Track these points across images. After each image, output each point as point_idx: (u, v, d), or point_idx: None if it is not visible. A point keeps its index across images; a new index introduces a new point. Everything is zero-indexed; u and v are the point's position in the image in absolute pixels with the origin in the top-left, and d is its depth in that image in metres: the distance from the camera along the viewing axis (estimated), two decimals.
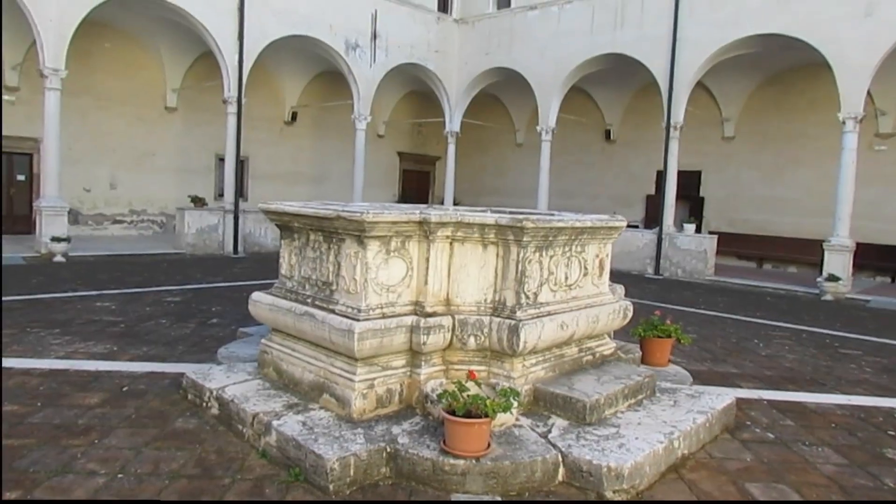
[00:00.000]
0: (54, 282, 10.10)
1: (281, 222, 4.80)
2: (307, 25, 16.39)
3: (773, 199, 17.60)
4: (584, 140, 21.40)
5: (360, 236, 4.08)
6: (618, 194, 20.75)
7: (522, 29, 18.48)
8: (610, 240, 5.14)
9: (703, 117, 17.94)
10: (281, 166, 20.49)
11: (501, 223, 4.23)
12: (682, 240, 15.49)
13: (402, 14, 18.56)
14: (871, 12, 12.60)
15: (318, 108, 20.87)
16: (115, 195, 17.45)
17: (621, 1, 16.40)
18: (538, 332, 4.24)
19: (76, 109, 15.51)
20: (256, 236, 16.17)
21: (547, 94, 17.84)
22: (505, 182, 23.49)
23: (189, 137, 18.39)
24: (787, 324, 9.69)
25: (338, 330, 4.05)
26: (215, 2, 14.71)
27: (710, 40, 14.84)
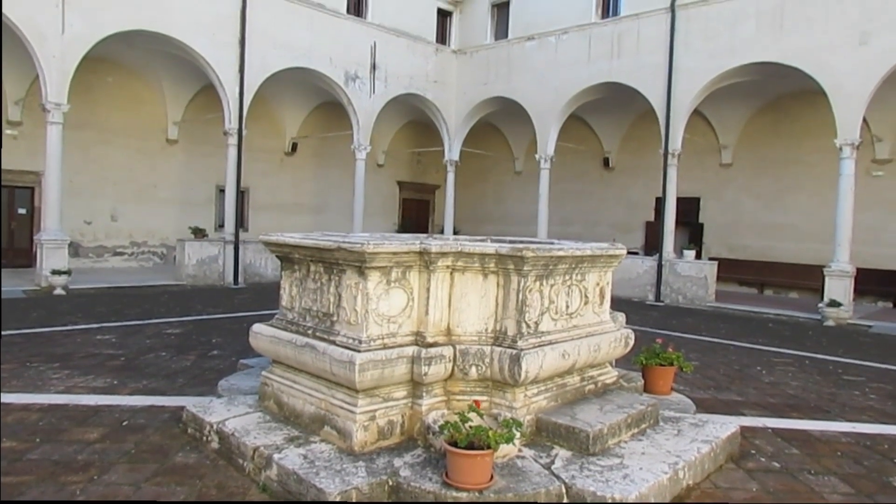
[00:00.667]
0: (54, 315, 10.08)
1: (281, 254, 4.81)
2: (307, 58, 16.63)
3: (772, 225, 17.65)
4: (583, 168, 21.54)
5: (361, 267, 4.09)
6: (617, 221, 20.82)
7: (520, 59, 18.75)
8: (610, 268, 5.15)
9: (701, 144, 18.09)
10: (281, 197, 20.60)
11: (502, 252, 4.24)
12: (683, 266, 15.49)
13: (401, 46, 18.85)
14: (865, 41, 12.78)
15: (319, 139, 21.06)
16: (116, 227, 17.50)
17: (617, 31, 16.67)
18: (539, 361, 4.23)
19: (78, 143, 15.64)
20: (257, 266, 16.19)
21: (545, 123, 18.02)
22: (504, 210, 23.59)
23: (190, 169, 18.52)
24: (789, 350, 9.64)
25: (338, 361, 4.03)
26: (216, 36, 14.94)
27: (705, 69, 15.05)
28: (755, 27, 14.23)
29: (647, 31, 16.03)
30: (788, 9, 13.78)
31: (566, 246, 4.67)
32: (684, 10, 15.40)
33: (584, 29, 17.31)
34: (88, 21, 13.05)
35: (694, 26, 15.26)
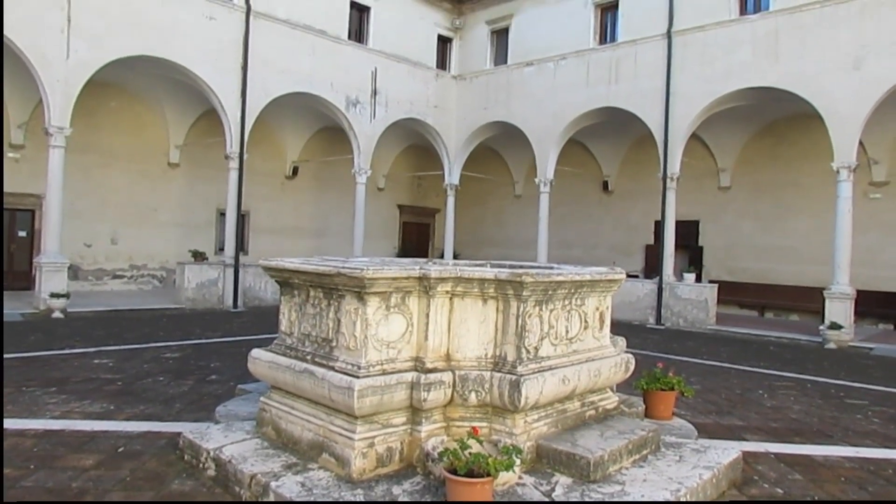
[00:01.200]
0: (52, 338, 10.04)
1: (281, 279, 4.81)
2: (309, 83, 16.80)
3: (771, 248, 17.68)
4: (582, 191, 21.63)
5: (360, 292, 4.08)
6: (617, 244, 20.85)
7: (519, 84, 18.93)
8: (609, 292, 5.15)
9: (700, 168, 18.19)
10: (282, 220, 20.65)
11: (501, 278, 4.24)
12: (683, 289, 15.48)
13: (402, 71, 19.05)
14: (858, 66, 12.94)
15: (319, 163, 21.18)
16: (116, 250, 17.52)
17: (615, 56, 16.86)
18: (539, 386, 4.20)
19: (80, 166, 15.71)
20: (256, 290, 16.17)
21: (544, 147, 18.14)
22: (504, 233, 23.63)
23: (191, 193, 18.59)
24: (791, 373, 9.59)
25: (337, 387, 4.01)
26: (219, 61, 15.11)
27: (702, 94, 15.20)
28: (751, 52, 14.40)
29: (645, 57, 16.21)
30: (783, 35, 13.96)
31: (565, 271, 4.67)
32: (681, 36, 15.59)
33: (583, 54, 17.51)
34: (93, 47, 13.20)
35: (690, 52, 15.44)
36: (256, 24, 15.67)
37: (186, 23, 14.53)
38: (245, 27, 15.46)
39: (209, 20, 14.91)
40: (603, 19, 17.71)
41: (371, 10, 18.42)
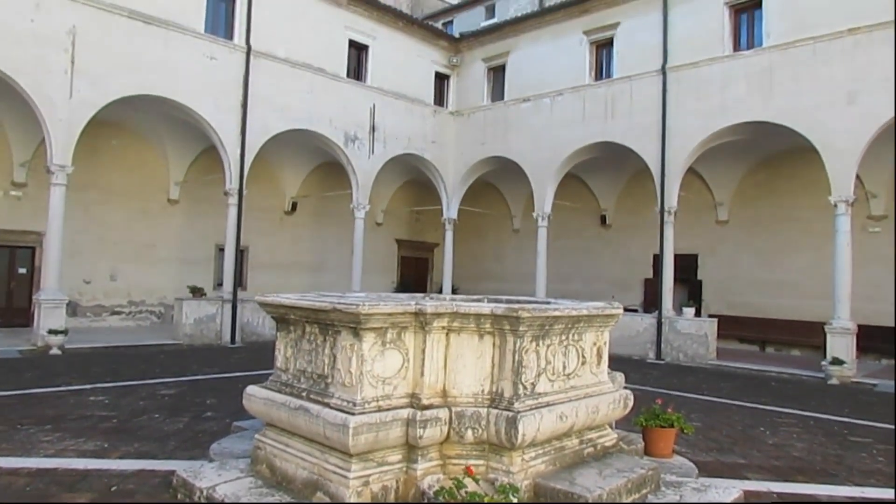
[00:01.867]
0: (49, 375, 9.96)
1: (277, 315, 4.80)
2: (308, 120, 17.01)
3: (771, 282, 17.64)
4: (580, 225, 21.71)
5: (356, 328, 4.08)
6: (615, 278, 20.83)
7: (516, 119, 19.17)
8: (607, 327, 5.13)
9: (697, 202, 18.29)
10: (280, 255, 20.66)
11: (497, 313, 4.23)
12: (683, 323, 15.41)
13: (400, 107, 19.31)
14: (853, 100, 13.09)
15: (318, 198, 21.30)
16: (115, 286, 17.50)
17: (611, 92, 17.11)
18: (537, 423, 4.16)
19: (80, 203, 15.78)
20: (254, 325, 16.11)
21: (542, 182, 18.28)
22: (503, 267, 23.63)
23: (190, 228, 18.65)
24: (793, 410, 9.49)
25: (332, 424, 3.97)
26: (220, 100, 15.33)
27: (698, 128, 15.37)
28: (745, 88, 14.61)
29: (640, 92, 16.45)
30: (777, 70, 14.17)
31: (562, 306, 4.67)
32: (675, 72, 15.84)
33: (579, 90, 17.77)
34: (96, 86, 13.40)
35: (685, 87, 15.67)
36: (256, 63, 15.94)
37: (188, 62, 14.77)
38: (245, 66, 15.71)
39: (210, 60, 15.17)
40: (598, 56, 18.02)
41: (369, 48, 18.75)
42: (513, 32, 19.68)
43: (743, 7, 15.17)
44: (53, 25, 12.85)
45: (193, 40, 14.92)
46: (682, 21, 15.89)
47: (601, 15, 17.52)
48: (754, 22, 15.08)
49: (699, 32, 15.58)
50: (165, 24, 14.43)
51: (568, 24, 18.25)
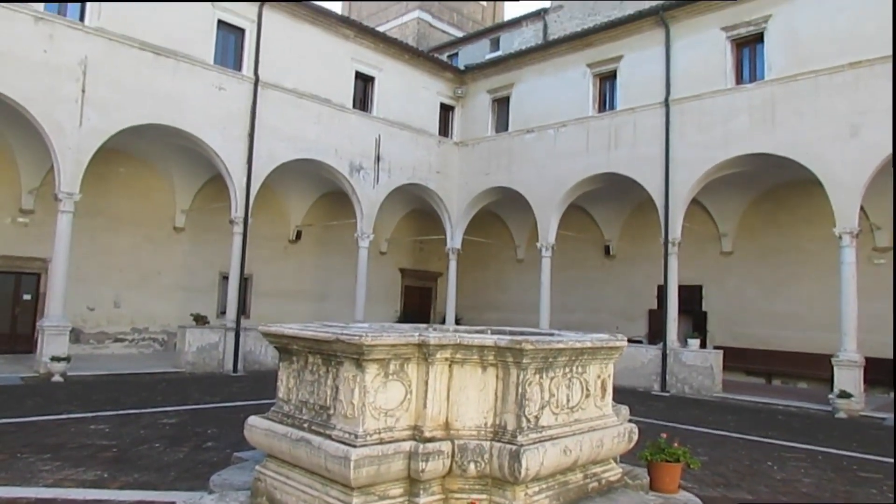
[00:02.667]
0: (50, 403, 9.92)
1: (280, 345, 4.79)
2: (314, 150, 17.18)
3: (776, 314, 17.52)
4: (584, 255, 21.70)
5: (359, 359, 4.06)
6: (619, 309, 20.74)
7: (520, 150, 19.31)
8: (611, 360, 5.10)
9: (701, 232, 18.28)
10: (284, 284, 20.67)
11: (500, 345, 4.21)
12: (687, 355, 15.29)
13: (405, 138, 19.51)
14: (855, 133, 13.17)
15: (322, 227, 21.39)
16: (119, 313, 17.50)
17: (614, 123, 17.25)
18: (540, 457, 4.11)
19: (87, 230, 15.86)
20: (257, 354, 16.04)
21: (546, 212, 18.34)
22: (507, 297, 23.58)
23: (195, 256, 18.72)
24: (801, 444, 9.36)
25: (333, 457, 3.93)
26: (227, 129, 15.51)
27: (701, 160, 15.45)
28: (748, 120, 14.72)
29: (644, 124, 16.58)
30: (779, 103, 14.29)
31: (566, 338, 4.65)
32: (678, 105, 15.99)
33: (582, 122, 17.93)
34: (105, 115, 13.60)
35: (688, 119, 15.80)
36: (264, 94, 16.16)
37: (196, 92, 15.00)
38: (253, 97, 15.94)
39: (219, 90, 15.39)
40: (602, 88, 18.22)
41: (376, 79, 19.01)
42: (517, 65, 19.95)
43: (745, 41, 15.36)
44: (66, 56, 13.09)
45: (203, 71, 15.17)
46: (685, 54, 16.09)
47: (604, 48, 17.76)
48: (756, 56, 15.26)
49: (701, 65, 15.76)
50: (175, 55, 14.68)
51: (571, 58, 18.50)
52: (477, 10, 32.13)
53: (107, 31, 13.68)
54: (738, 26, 15.18)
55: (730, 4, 15.29)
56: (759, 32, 14.92)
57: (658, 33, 16.57)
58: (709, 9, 15.66)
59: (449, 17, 30.49)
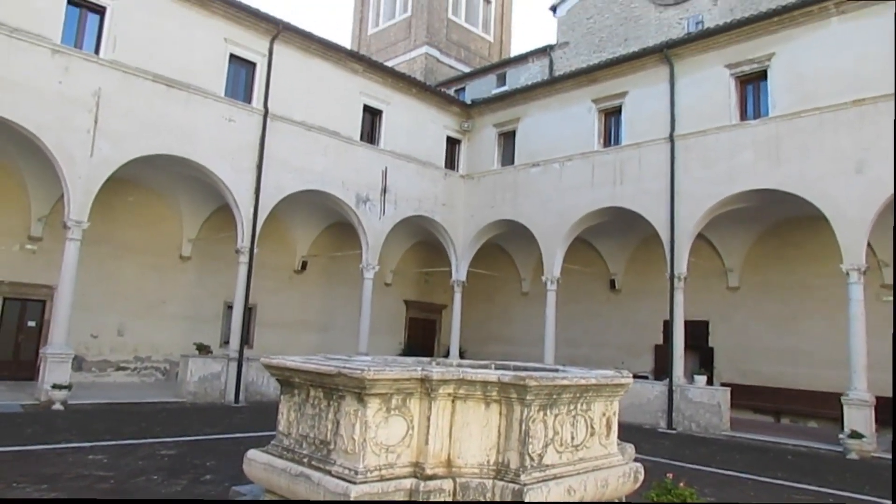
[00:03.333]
0: (49, 432, 9.84)
1: (282, 377, 4.76)
2: (321, 181, 17.31)
3: (784, 350, 17.32)
4: (589, 289, 21.61)
5: (361, 394, 4.02)
6: (625, 343, 20.56)
7: (526, 184, 19.40)
8: (616, 397, 5.03)
9: (707, 268, 18.20)
10: (288, 314, 20.63)
11: (504, 381, 4.17)
12: (694, 392, 15.09)
13: (411, 170, 19.64)
14: (861, 169, 13.17)
15: (328, 258, 21.42)
16: (122, 342, 17.46)
17: (619, 158, 17.34)
18: (543, 497, 4.03)
19: (94, 258, 15.92)
20: (259, 385, 15.92)
21: (551, 245, 18.34)
22: (511, 330, 23.43)
23: (200, 285, 18.74)
24: (811, 486, 9.17)
25: (333, 493, 3.87)
26: (236, 160, 15.67)
27: (706, 195, 15.46)
28: (753, 156, 14.77)
29: (649, 159, 16.66)
30: (784, 139, 14.35)
31: (570, 374, 4.60)
32: (683, 140, 16.08)
33: (588, 156, 18.03)
34: (116, 145, 13.77)
35: (693, 155, 15.86)
36: (273, 126, 16.35)
37: (206, 124, 15.19)
38: (262, 129, 16.12)
39: (229, 122, 15.59)
40: (607, 123, 18.36)
41: (383, 112, 19.23)
42: (523, 100, 20.16)
43: (748, 78, 15.50)
44: (80, 88, 13.32)
45: (213, 103, 15.39)
46: (689, 91, 16.23)
47: (609, 84, 17.95)
48: (760, 93, 15.38)
49: (706, 102, 15.88)
50: (187, 88, 14.92)
51: (577, 93, 18.70)
52: (484, 46, 32.62)
53: (121, 64, 13.93)
54: (742, 64, 15.34)
55: (733, 42, 15.48)
56: (763, 70, 15.06)
57: (662, 70, 16.77)
58: (712, 47, 15.85)
59: (456, 53, 30.96)
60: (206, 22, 15.39)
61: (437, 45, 30.13)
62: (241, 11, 15.85)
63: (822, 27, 14.15)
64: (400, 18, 31.42)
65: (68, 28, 13.51)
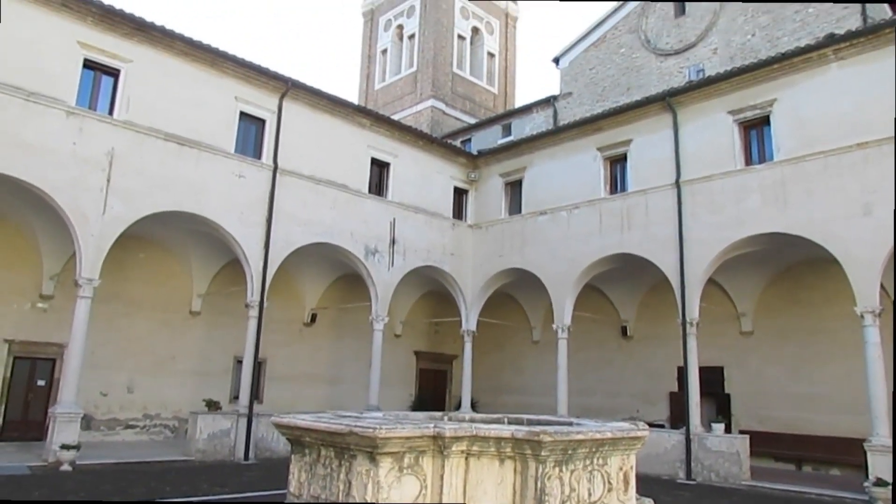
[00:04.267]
0: (56, 494, 9.69)
1: (292, 436, 4.70)
2: (330, 234, 17.44)
3: (802, 396, 16.93)
4: (601, 337, 21.39)
5: (373, 453, 3.96)
6: (639, 391, 20.21)
7: (534, 232, 19.47)
8: (633, 450, 4.93)
9: (719, 312, 17.99)
10: (298, 368, 20.48)
11: (518, 437, 4.10)
12: (712, 441, 14.74)
13: (419, 221, 19.79)
14: (869, 211, 13.13)
15: (337, 310, 21.38)
16: (131, 399, 17.32)
17: (626, 205, 17.40)
18: None
19: (104, 315, 15.92)
20: (269, 441, 15.68)
21: (560, 293, 18.26)
22: (523, 380, 23.12)
23: (209, 340, 18.69)
24: None
25: None
26: (245, 215, 15.84)
27: (715, 240, 15.42)
28: (760, 200, 14.78)
29: (655, 205, 16.71)
30: (790, 183, 14.37)
31: (585, 428, 4.51)
32: (689, 186, 16.15)
33: (595, 203, 18.12)
34: (128, 203, 13.99)
35: (700, 200, 15.91)
36: (282, 181, 16.60)
37: (217, 180, 15.44)
38: (271, 183, 16.35)
39: (238, 178, 15.84)
40: (612, 170, 18.51)
41: (391, 165, 19.50)
42: (528, 149, 20.41)
43: (751, 124, 15.65)
44: (93, 148, 13.61)
45: (224, 160, 15.67)
46: (693, 137, 16.39)
47: (613, 133, 18.17)
48: (764, 137, 15.50)
49: (710, 148, 16.00)
50: (198, 145, 15.23)
51: (581, 142, 18.93)
52: (489, 98, 33.28)
53: (134, 124, 14.27)
54: (744, 110, 15.53)
55: (734, 89, 15.70)
56: (766, 115, 15.22)
57: (665, 117, 16.99)
58: (714, 94, 16.09)
59: (462, 105, 31.57)
60: (217, 81, 15.82)
61: (443, 98, 30.76)
62: (252, 70, 16.30)
63: (821, 73, 14.35)
64: (406, 73, 32.19)
65: (83, 90, 13.89)
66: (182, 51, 15.16)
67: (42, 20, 13.24)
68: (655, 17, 24.50)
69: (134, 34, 14.43)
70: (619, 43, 25.48)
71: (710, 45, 22.58)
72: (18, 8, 12.91)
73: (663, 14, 24.29)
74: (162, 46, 14.88)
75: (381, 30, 34.12)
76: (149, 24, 14.49)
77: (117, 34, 14.23)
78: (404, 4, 32.94)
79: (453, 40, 31.82)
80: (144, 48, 14.62)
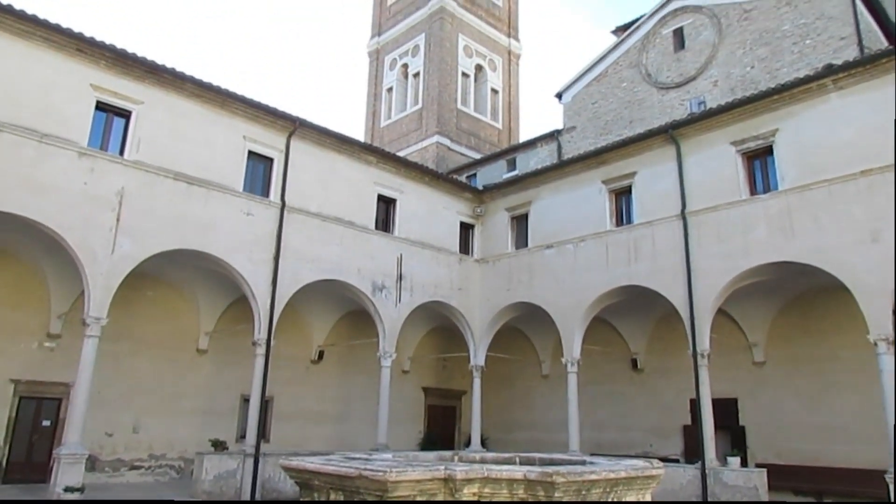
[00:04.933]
0: None
1: (301, 479, 4.62)
2: (337, 270, 17.46)
3: (818, 426, 16.57)
4: (611, 370, 21.13)
5: (383, 497, 3.88)
6: (652, 425, 19.87)
7: (541, 265, 19.43)
8: (648, 489, 4.82)
9: (730, 343, 17.79)
10: (305, 405, 20.27)
11: (531, 478, 4.02)
12: (728, 475, 14.43)
13: (426, 257, 19.79)
14: (877, 238, 13.04)
15: (345, 347, 21.25)
16: (136, 439, 17.13)
17: (633, 237, 17.38)
18: None
19: (111, 354, 15.84)
20: (275, 481, 15.42)
21: (569, 326, 18.13)
22: (533, 415, 22.79)
23: (216, 379, 18.56)
24: None
25: None
26: (253, 253, 15.90)
27: (722, 270, 15.34)
28: (766, 229, 14.73)
29: (662, 236, 16.68)
30: (795, 212, 14.33)
31: (599, 467, 4.42)
32: (695, 217, 16.14)
33: (601, 236, 18.11)
34: (137, 242, 14.08)
35: (706, 230, 15.87)
36: (290, 218, 16.70)
37: (225, 219, 15.54)
38: (279, 221, 16.45)
39: (246, 216, 15.95)
40: (618, 203, 18.54)
41: (397, 201, 19.61)
42: (534, 183, 20.50)
43: (755, 154, 15.69)
44: (104, 188, 13.76)
45: (232, 198, 15.80)
46: (697, 168, 16.45)
47: (618, 165, 18.26)
48: (767, 167, 15.53)
49: (715, 178, 16.03)
50: (207, 184, 15.37)
51: (586, 175, 19.01)
52: (493, 133, 33.59)
53: (144, 164, 14.45)
54: (747, 140, 15.60)
55: (736, 121, 15.80)
56: (768, 145, 15.28)
57: (669, 149, 17.07)
58: (716, 125, 16.18)
59: (467, 141, 31.86)
60: (226, 121, 16.05)
61: (448, 134, 31.06)
62: (260, 110, 16.54)
63: (822, 102, 14.45)
64: (411, 111, 32.59)
65: (95, 131, 14.11)
66: (192, 92, 15.43)
67: (57, 64, 13.54)
68: (655, 52, 24.82)
69: (145, 77, 14.72)
70: (621, 77, 25.77)
71: (711, 77, 22.80)
72: (34, 52, 13.26)
73: (663, 49, 24.61)
74: (172, 88, 15.16)
75: (387, 69, 34.67)
76: (160, 67, 14.78)
77: (129, 77, 14.51)
78: (409, 44, 33.51)
79: (457, 78, 32.28)
80: (155, 90, 14.90)
